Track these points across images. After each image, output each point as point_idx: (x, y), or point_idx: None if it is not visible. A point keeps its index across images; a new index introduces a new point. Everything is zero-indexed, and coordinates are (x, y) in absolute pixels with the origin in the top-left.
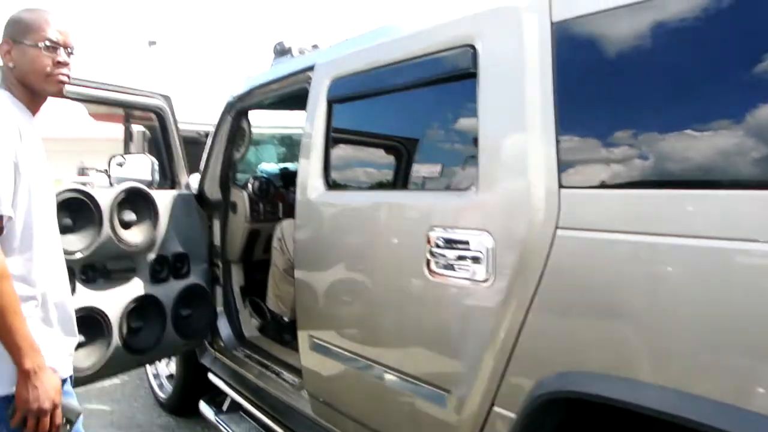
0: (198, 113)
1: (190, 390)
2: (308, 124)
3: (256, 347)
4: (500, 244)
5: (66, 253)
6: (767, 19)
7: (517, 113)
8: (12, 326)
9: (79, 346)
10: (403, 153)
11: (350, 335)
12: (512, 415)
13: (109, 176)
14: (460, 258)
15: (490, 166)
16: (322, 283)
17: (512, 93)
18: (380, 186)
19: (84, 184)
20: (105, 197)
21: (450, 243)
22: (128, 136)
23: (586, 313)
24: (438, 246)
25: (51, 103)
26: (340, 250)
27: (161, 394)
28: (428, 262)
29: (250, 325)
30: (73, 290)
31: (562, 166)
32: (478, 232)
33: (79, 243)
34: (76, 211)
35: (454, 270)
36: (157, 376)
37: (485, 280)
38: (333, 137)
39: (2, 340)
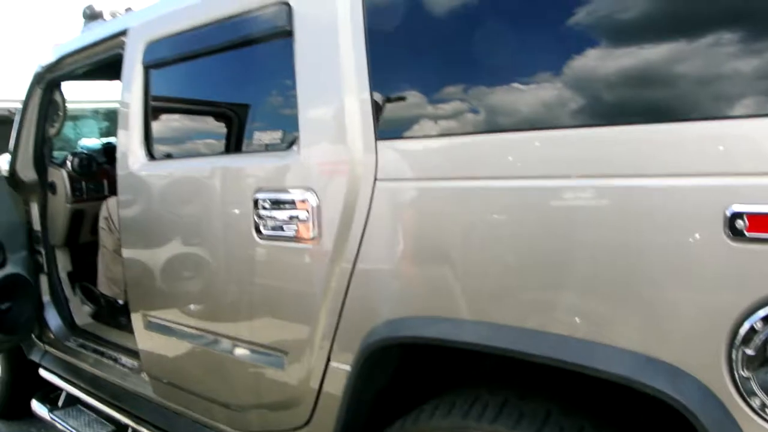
0: (6, 89)
1: (19, 390)
2: (124, 92)
3: (90, 335)
4: (324, 201)
5: None
6: None
7: (333, 72)
8: None
9: None
10: (225, 117)
11: (186, 309)
12: (347, 367)
13: None
14: (288, 218)
15: (309, 125)
16: (152, 259)
17: (327, 51)
18: (204, 153)
19: None
20: None
21: (276, 204)
22: None
23: (408, 260)
24: (265, 208)
25: None
26: (168, 223)
27: None
28: (256, 226)
29: (82, 313)
30: None
31: (377, 121)
32: (303, 191)
33: None
34: None
35: (282, 231)
36: None
37: (312, 239)
38: (152, 105)
39: None
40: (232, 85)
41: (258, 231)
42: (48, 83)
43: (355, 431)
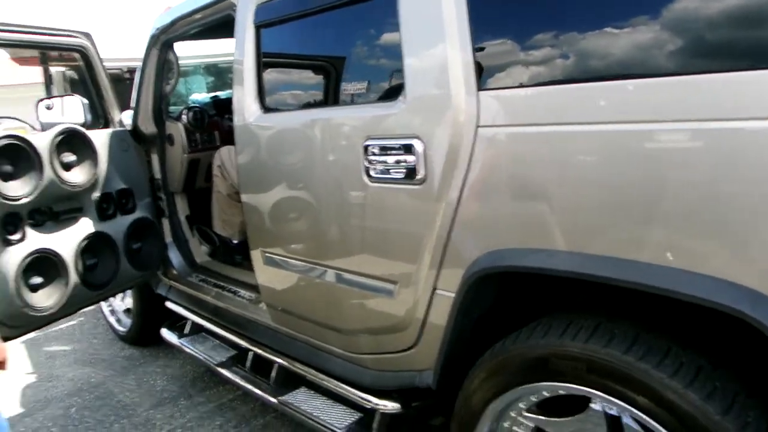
0: (119, 49)
1: (149, 320)
2: (238, 50)
3: (209, 271)
4: (430, 146)
5: (10, 199)
6: None
7: (436, 24)
8: None
9: (38, 287)
10: (334, 71)
11: (301, 246)
12: (452, 294)
13: (38, 120)
14: (396, 163)
15: (414, 76)
16: (269, 202)
17: (430, 3)
18: (315, 104)
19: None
20: (42, 141)
21: (385, 150)
22: (48, 79)
23: (507, 198)
24: (374, 154)
25: None
26: (282, 169)
27: (120, 328)
28: (366, 170)
29: (200, 252)
30: (24, 236)
31: (479, 69)
32: (410, 138)
33: (22, 189)
34: (14, 157)
35: (390, 174)
36: (113, 312)
37: (420, 180)
38: (263, 61)
39: None
40: (338, 41)
41: (368, 175)
42: (163, 44)
43: (458, 353)
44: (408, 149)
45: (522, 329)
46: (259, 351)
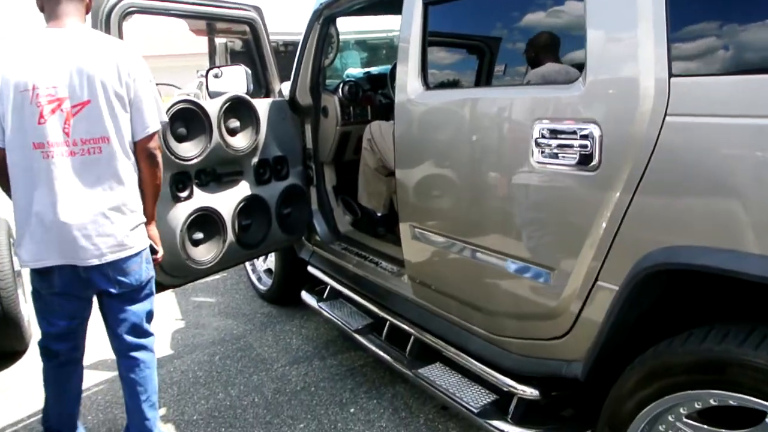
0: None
1: (289, 282)
2: (404, 28)
3: (351, 240)
4: (608, 133)
5: (183, 159)
6: None
7: (627, 4)
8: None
9: (199, 242)
10: (503, 50)
11: (454, 224)
12: (615, 287)
13: (206, 87)
14: (568, 146)
15: (597, 59)
16: (424, 178)
17: None
18: (480, 83)
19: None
20: (213, 107)
21: (556, 134)
22: (212, 50)
23: (693, 192)
24: (544, 137)
25: None
26: (441, 147)
27: (261, 287)
28: (534, 153)
29: (344, 221)
30: (191, 194)
31: (671, 56)
32: (586, 122)
33: (193, 150)
34: (188, 120)
35: (560, 158)
36: (255, 270)
37: (593, 167)
38: (430, 39)
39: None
40: (510, 20)
41: (535, 157)
42: (326, 19)
43: (614, 347)
44: (583, 134)
45: (692, 330)
46: (397, 322)
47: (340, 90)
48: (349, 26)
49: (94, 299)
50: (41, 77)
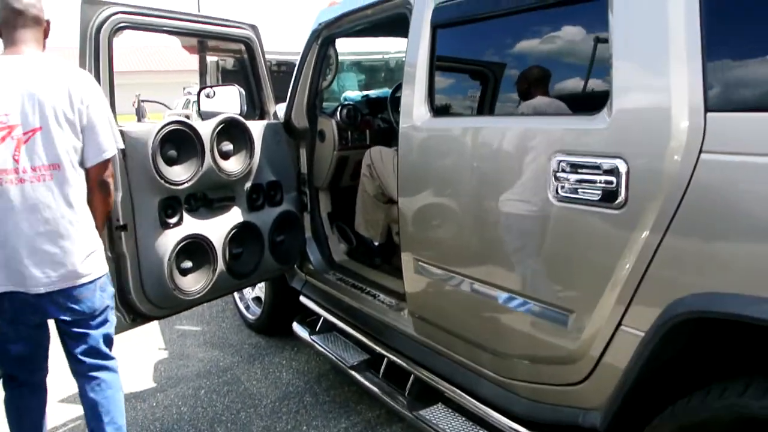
0: (270, 43)
1: (279, 312)
2: (410, 50)
3: (346, 270)
4: (636, 169)
5: (173, 183)
6: None
7: (659, 33)
8: None
9: (188, 271)
10: (517, 77)
11: (463, 260)
12: (640, 333)
13: (198, 108)
14: (591, 182)
15: (624, 89)
16: (429, 210)
17: (652, 9)
18: (492, 112)
19: (186, 116)
20: (206, 129)
21: (577, 168)
22: (203, 68)
23: (732, 236)
24: (564, 171)
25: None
26: (449, 177)
27: (249, 316)
28: (552, 188)
29: (339, 250)
30: (180, 219)
31: (708, 89)
32: (611, 157)
33: (184, 173)
34: (179, 143)
35: (582, 195)
36: (242, 298)
37: (618, 205)
38: (437, 64)
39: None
40: (525, 45)
41: (553, 193)
42: (324, 39)
43: (637, 397)
44: (607, 169)
45: (727, 383)
46: (395, 359)
47: (338, 113)
48: (346, 47)
49: (51, 324)
50: None
